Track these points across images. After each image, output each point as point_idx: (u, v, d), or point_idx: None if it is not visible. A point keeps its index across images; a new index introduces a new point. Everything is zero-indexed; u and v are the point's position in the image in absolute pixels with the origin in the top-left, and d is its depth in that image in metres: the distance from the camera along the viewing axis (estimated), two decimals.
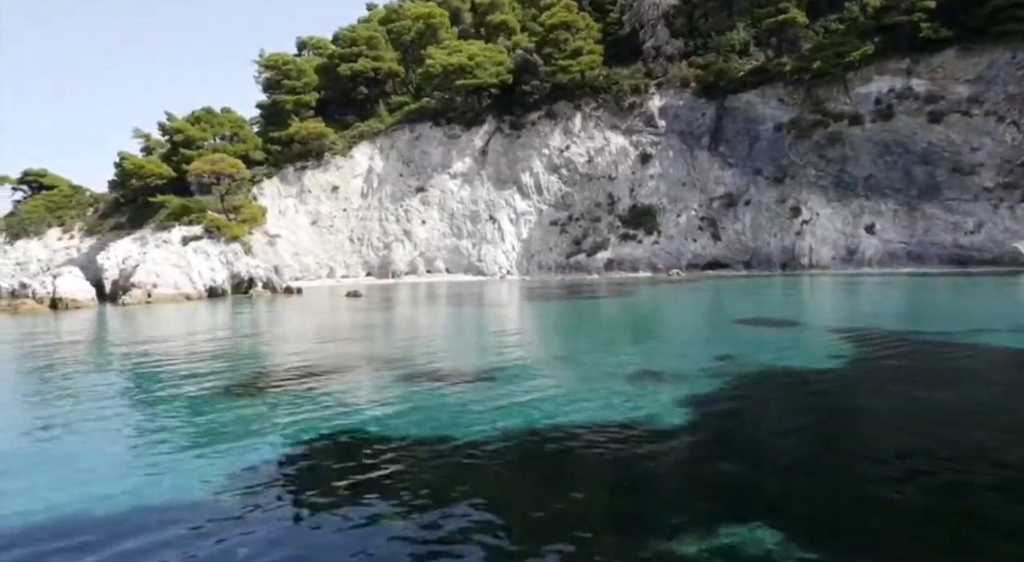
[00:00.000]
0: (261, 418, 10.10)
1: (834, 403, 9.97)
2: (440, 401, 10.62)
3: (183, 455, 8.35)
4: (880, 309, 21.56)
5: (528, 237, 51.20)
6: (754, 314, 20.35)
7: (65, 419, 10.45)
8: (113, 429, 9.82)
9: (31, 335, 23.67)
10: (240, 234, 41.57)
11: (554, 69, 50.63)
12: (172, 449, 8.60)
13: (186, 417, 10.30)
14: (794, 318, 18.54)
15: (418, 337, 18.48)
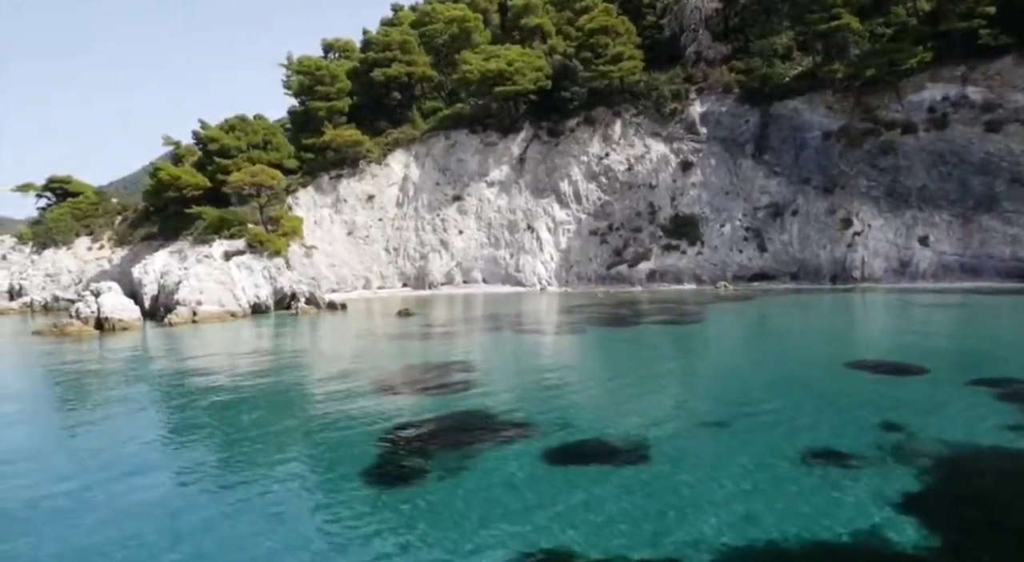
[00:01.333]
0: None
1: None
2: (602, 494, 9.72)
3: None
4: (1003, 341, 20.66)
5: (567, 247, 50.22)
6: (860, 354, 19.39)
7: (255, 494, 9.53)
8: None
9: (106, 369, 22.71)
10: (282, 249, 40.64)
11: (594, 75, 49.49)
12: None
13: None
14: (915, 361, 17.55)
15: (524, 387, 17.43)
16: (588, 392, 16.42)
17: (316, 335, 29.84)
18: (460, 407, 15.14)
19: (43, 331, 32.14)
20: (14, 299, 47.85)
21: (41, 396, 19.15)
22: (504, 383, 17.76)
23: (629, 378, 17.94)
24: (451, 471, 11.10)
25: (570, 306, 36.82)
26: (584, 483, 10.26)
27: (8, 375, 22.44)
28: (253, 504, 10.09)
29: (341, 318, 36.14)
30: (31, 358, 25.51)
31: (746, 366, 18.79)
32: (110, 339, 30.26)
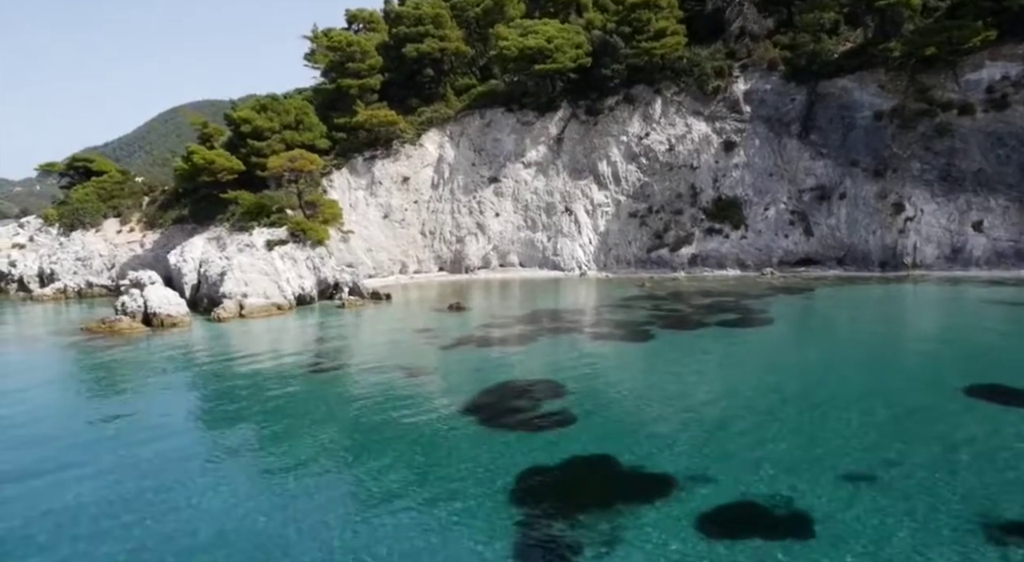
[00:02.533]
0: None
1: None
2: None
3: None
4: None
5: (605, 230, 49.21)
6: (975, 373, 18.69)
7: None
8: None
9: (186, 381, 22.05)
10: (325, 237, 39.73)
11: (636, 51, 47.77)
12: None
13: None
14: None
15: (628, 420, 16.66)
16: (702, 428, 15.72)
17: (372, 338, 28.98)
18: (573, 449, 14.50)
19: (92, 328, 31.48)
20: (45, 284, 47.11)
21: (154, 414, 18.53)
22: (605, 414, 17.09)
23: (735, 408, 17.27)
24: (602, 544, 10.47)
25: (621, 298, 36.05)
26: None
27: (104, 390, 21.63)
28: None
29: (388, 311, 35.43)
30: (106, 366, 24.81)
31: (853, 392, 18.01)
32: (163, 338, 29.64)
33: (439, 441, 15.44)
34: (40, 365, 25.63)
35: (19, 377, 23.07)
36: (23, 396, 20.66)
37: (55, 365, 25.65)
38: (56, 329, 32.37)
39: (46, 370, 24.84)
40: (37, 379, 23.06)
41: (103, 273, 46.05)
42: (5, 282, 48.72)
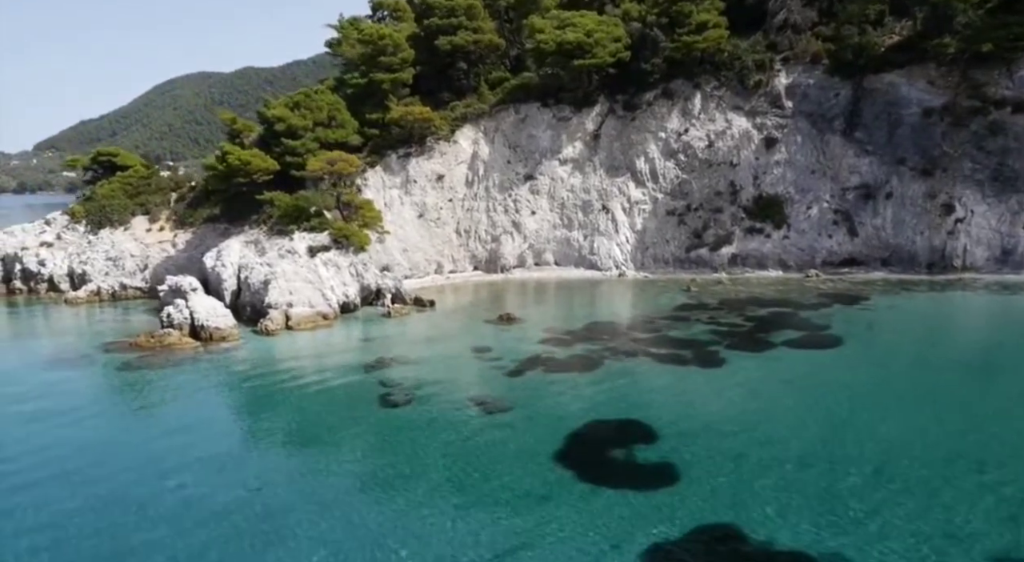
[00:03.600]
0: None
1: None
2: None
3: None
4: None
5: (642, 228, 48.38)
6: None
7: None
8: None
9: (270, 410, 21.48)
10: (367, 243, 38.98)
11: (677, 45, 46.50)
12: None
13: None
14: None
15: (757, 491, 15.81)
16: (813, 488, 15.22)
17: (431, 358, 28.06)
18: (689, 517, 14.01)
19: (142, 343, 30.88)
20: (77, 285, 46.43)
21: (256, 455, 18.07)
22: (708, 467, 16.59)
23: (839, 459, 16.75)
24: None
25: (672, 307, 35.47)
26: None
27: (190, 433, 20.82)
28: None
29: (435, 321, 34.87)
30: (178, 395, 24.22)
31: (958, 444, 17.48)
32: (217, 356, 29.12)
33: (540, 505, 14.91)
34: (107, 392, 24.76)
35: (94, 415, 22.16)
36: (103, 441, 20.06)
37: (124, 393, 24.47)
38: (103, 342, 31.70)
39: (116, 399, 23.98)
40: (112, 415, 22.17)
41: (136, 274, 45.34)
42: (35, 282, 47.98)
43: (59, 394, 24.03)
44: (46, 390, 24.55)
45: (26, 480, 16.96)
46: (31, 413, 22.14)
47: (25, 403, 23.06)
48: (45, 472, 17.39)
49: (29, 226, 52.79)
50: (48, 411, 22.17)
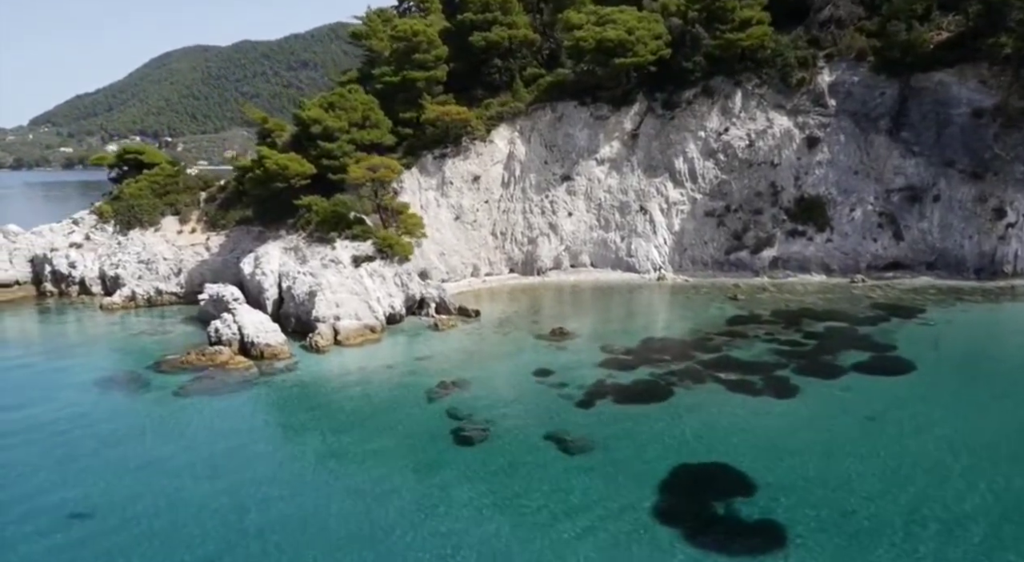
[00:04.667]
0: None
1: None
2: None
3: None
4: None
5: (680, 229, 47.66)
6: None
7: None
8: None
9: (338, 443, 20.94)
10: (411, 253, 38.35)
11: (719, 42, 45.33)
12: None
13: None
14: None
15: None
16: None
17: (491, 381, 27.59)
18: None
19: (194, 361, 30.44)
20: (109, 288, 45.90)
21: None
22: (817, 524, 16.18)
23: (949, 522, 16.31)
24: None
25: (725, 320, 35.05)
26: None
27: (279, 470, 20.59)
28: None
29: (484, 335, 34.37)
30: (241, 428, 23.91)
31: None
32: (275, 378, 28.72)
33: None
34: (170, 426, 24.00)
35: (165, 457, 21.61)
36: (185, 493, 19.63)
37: (189, 428, 23.82)
38: (153, 360, 31.26)
39: (183, 435, 23.22)
40: (186, 459, 21.39)
41: (171, 279, 44.75)
42: (65, 284, 47.51)
43: (124, 431, 23.45)
44: (110, 425, 24.05)
45: (120, 543, 16.57)
46: (100, 452, 21.71)
47: (92, 441, 22.59)
48: (138, 530, 17.03)
49: (57, 226, 52.08)
50: (122, 455, 21.47)
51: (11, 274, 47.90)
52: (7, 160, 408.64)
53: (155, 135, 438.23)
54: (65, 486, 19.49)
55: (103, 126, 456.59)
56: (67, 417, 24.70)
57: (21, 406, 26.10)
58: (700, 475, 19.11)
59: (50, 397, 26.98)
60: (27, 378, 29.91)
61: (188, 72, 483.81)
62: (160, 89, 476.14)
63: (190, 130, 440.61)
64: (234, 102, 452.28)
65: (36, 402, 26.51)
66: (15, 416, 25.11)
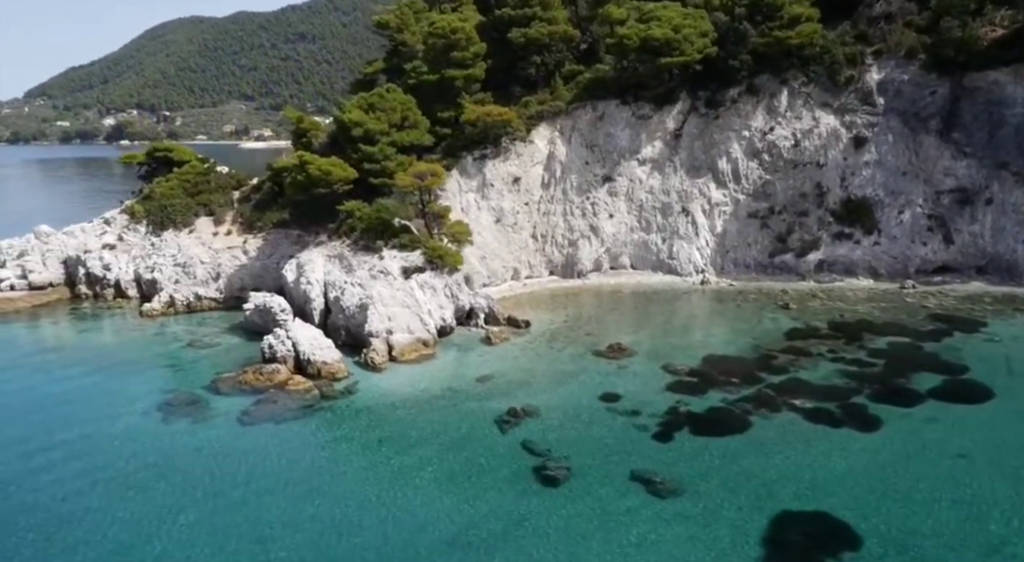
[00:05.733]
0: None
1: None
2: None
3: None
4: None
5: (722, 231, 46.93)
6: None
7: None
8: None
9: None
10: (461, 263, 37.74)
11: (767, 40, 44.16)
12: None
13: None
14: None
15: None
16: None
17: (561, 405, 27.21)
18: None
19: (251, 381, 30.09)
20: (145, 291, 45.36)
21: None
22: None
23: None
24: None
25: (782, 333, 34.60)
26: None
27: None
28: None
29: (538, 349, 33.93)
30: (315, 461, 23.54)
31: None
32: (335, 401, 28.36)
33: None
34: (248, 461, 23.41)
35: (245, 501, 21.35)
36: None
37: (266, 464, 23.26)
38: (208, 379, 30.90)
39: (264, 475, 22.69)
40: (273, 501, 20.95)
41: (209, 284, 44.21)
42: (100, 286, 47.02)
43: (193, 469, 22.88)
44: (179, 461, 23.60)
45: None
46: (174, 498, 21.27)
47: (163, 483, 22.13)
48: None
49: (88, 226, 51.55)
50: (200, 502, 20.93)
51: (45, 276, 47.46)
52: (4, 134, 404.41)
53: (152, 109, 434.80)
54: (150, 540, 19.08)
55: (99, 99, 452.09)
56: (133, 453, 24.13)
57: (82, 438, 25.41)
58: (799, 525, 18.80)
59: (111, 427, 26.38)
60: (81, 401, 29.30)
61: (184, 44, 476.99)
62: (156, 61, 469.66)
63: (188, 104, 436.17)
64: (231, 75, 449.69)
65: (97, 433, 25.82)
66: (76, 449, 24.53)
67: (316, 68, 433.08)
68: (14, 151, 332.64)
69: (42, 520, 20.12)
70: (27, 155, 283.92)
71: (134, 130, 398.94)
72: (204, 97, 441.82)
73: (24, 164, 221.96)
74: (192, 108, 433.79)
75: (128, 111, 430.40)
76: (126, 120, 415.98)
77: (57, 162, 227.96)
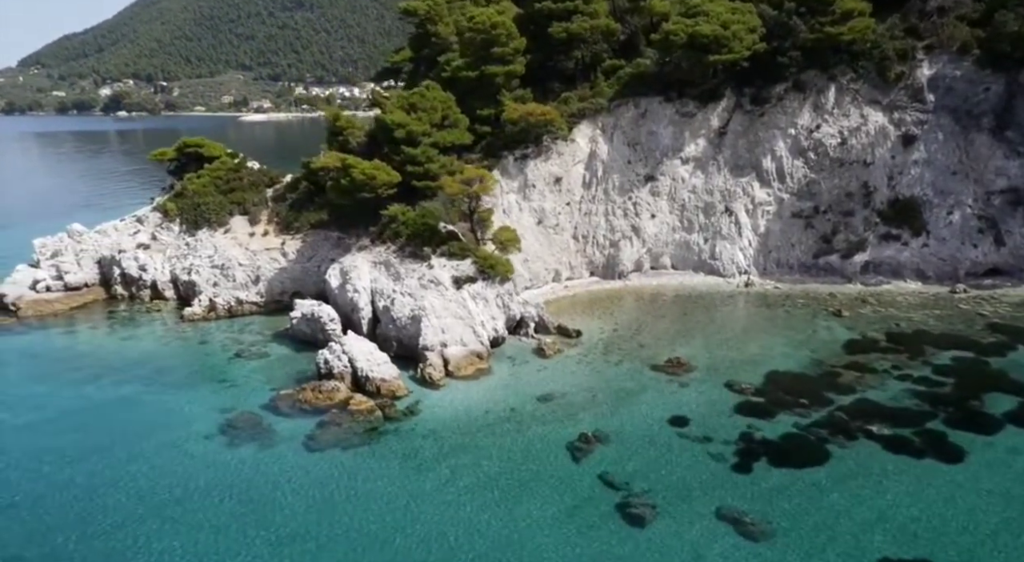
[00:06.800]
0: None
1: None
2: None
3: None
4: None
5: (765, 231, 46.28)
6: None
7: None
8: None
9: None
10: (512, 272, 37.20)
11: (818, 36, 42.97)
12: None
13: None
14: None
15: None
16: None
17: (629, 433, 26.86)
18: None
19: (311, 400, 29.82)
20: (183, 293, 44.92)
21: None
22: None
23: None
24: None
25: (839, 344, 34.32)
26: None
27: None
28: None
29: (594, 363, 33.61)
30: (394, 499, 23.10)
31: None
32: (400, 424, 28.14)
33: None
34: (318, 494, 23.21)
35: (328, 540, 21.41)
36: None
37: (336, 494, 23.14)
38: (266, 397, 30.63)
39: (335, 515, 22.63)
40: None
41: (249, 287, 43.71)
42: (136, 288, 46.57)
43: (276, 506, 22.59)
44: (253, 493, 23.39)
45: None
46: (251, 535, 21.10)
47: (238, 523, 21.79)
48: None
49: (121, 224, 50.88)
50: (291, 551, 20.61)
51: (80, 277, 46.90)
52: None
53: (149, 79, 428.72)
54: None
55: (95, 69, 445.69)
56: (203, 485, 23.90)
57: (149, 469, 25.08)
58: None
59: (175, 453, 26.19)
60: (139, 421, 28.96)
61: (179, 12, 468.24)
62: (151, 30, 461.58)
63: (185, 74, 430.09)
64: (228, 44, 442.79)
65: (161, 461, 25.59)
66: (142, 484, 24.17)
67: (314, 37, 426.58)
68: (10, 122, 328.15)
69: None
70: (23, 127, 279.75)
71: (131, 101, 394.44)
72: (201, 67, 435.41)
73: (21, 139, 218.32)
74: (189, 78, 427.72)
75: (124, 81, 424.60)
76: (123, 90, 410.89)
77: (54, 137, 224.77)
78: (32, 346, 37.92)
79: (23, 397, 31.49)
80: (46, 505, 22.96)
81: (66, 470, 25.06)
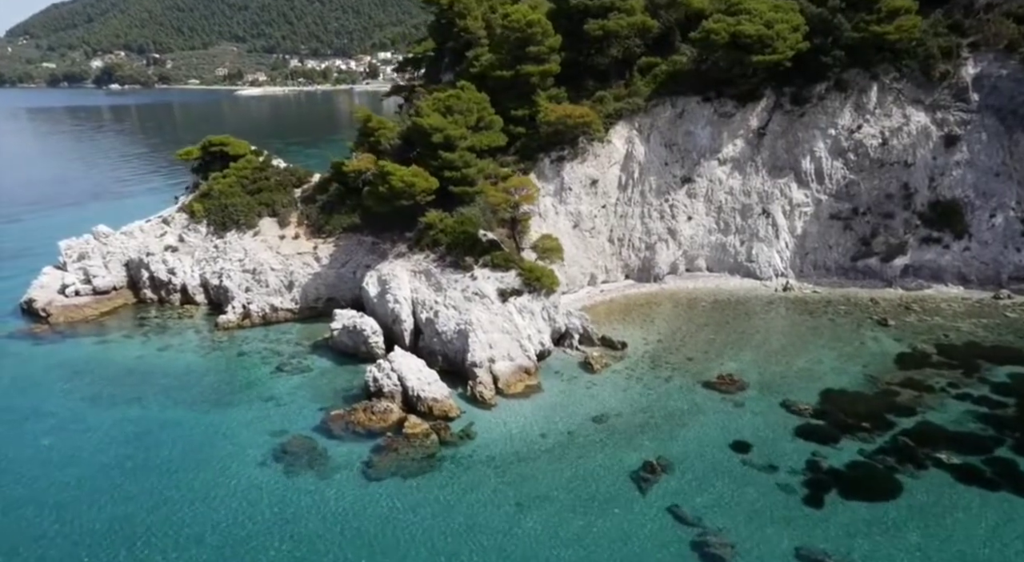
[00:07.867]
0: None
1: None
2: None
3: None
4: None
5: (802, 232, 45.70)
6: None
7: None
8: None
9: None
10: (557, 284, 36.66)
11: (864, 35, 41.89)
12: None
13: None
14: None
15: None
16: None
17: (693, 463, 26.70)
18: None
19: (363, 421, 29.56)
20: (213, 298, 44.35)
21: None
22: None
23: None
24: None
25: (889, 357, 34.06)
26: None
27: None
28: None
29: (644, 378, 33.33)
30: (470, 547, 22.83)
31: None
32: (457, 449, 27.92)
33: None
34: (385, 534, 23.00)
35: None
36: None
37: (402, 532, 22.98)
38: (315, 418, 30.31)
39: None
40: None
41: (283, 293, 43.08)
42: (166, 291, 45.98)
43: (338, 544, 22.41)
44: (316, 529, 23.21)
45: None
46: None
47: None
48: None
49: (147, 225, 50.03)
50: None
51: (108, 280, 46.34)
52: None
53: (140, 50, 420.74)
54: None
55: (85, 39, 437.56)
56: (262, 520, 23.68)
57: (202, 498, 24.90)
58: None
59: (230, 482, 25.95)
60: (188, 444, 28.64)
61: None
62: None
63: (177, 46, 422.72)
64: (221, 15, 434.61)
65: (216, 491, 25.39)
66: (200, 513, 24.05)
67: (308, 8, 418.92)
68: (1, 95, 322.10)
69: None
70: (15, 102, 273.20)
71: (124, 73, 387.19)
72: (194, 38, 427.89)
73: (14, 116, 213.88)
74: (183, 50, 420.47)
75: (116, 52, 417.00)
76: (115, 62, 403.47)
77: (44, 110, 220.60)
78: (70, 359, 37.34)
79: (67, 420, 31.03)
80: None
81: (120, 506, 24.68)
